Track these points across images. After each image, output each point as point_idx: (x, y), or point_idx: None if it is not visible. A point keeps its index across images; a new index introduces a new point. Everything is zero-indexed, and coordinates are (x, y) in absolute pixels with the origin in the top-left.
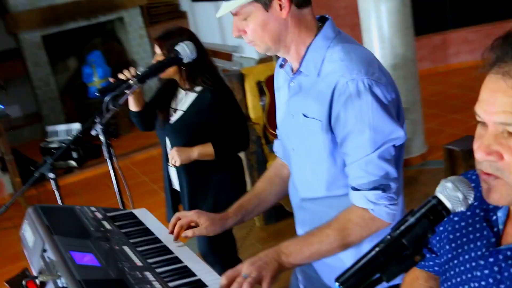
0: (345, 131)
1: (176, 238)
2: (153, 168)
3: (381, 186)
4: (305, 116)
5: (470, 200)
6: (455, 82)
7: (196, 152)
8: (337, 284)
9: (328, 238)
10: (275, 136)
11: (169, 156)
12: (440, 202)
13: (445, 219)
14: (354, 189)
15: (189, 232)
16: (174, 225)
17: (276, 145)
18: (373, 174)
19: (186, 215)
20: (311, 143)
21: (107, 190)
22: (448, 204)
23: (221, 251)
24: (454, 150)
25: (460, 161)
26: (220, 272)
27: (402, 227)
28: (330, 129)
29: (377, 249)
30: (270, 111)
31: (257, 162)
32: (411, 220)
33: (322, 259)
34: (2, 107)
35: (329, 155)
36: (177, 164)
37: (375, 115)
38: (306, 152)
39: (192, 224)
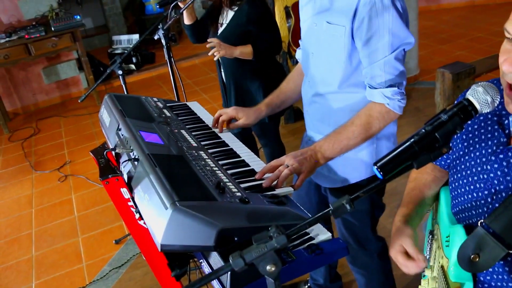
0: (368, 36)
1: (221, 131)
2: (196, 73)
3: (395, 84)
4: (328, 23)
5: (496, 102)
6: (445, 19)
7: (238, 50)
8: (375, 167)
9: (354, 133)
10: None
11: (212, 46)
12: (470, 103)
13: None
14: (373, 87)
15: (231, 127)
16: (217, 120)
17: (298, 53)
18: (390, 73)
19: (226, 112)
20: (331, 46)
21: (159, 89)
22: (477, 106)
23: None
24: (445, 72)
25: (450, 82)
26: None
27: (436, 123)
28: (351, 34)
29: (412, 140)
30: (294, 32)
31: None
32: (444, 117)
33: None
34: (79, 17)
35: (347, 56)
36: (219, 55)
37: (395, 22)
38: (325, 54)
39: (233, 118)
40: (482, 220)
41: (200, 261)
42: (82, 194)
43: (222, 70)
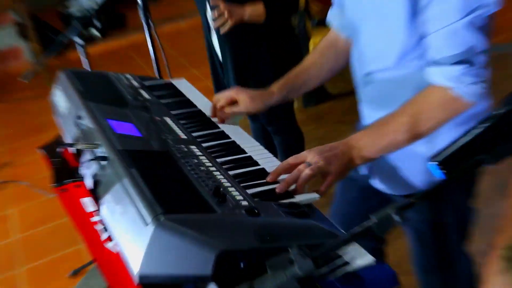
0: None
1: (220, 121)
2: (182, 41)
3: (466, 60)
4: None
5: None
6: None
7: (248, 11)
8: (433, 163)
9: (403, 126)
10: (320, 7)
11: (214, 17)
12: None
13: None
14: (434, 63)
15: (226, 111)
16: (215, 107)
17: (332, 15)
18: (459, 45)
19: (224, 95)
20: (387, 11)
21: (132, 63)
22: None
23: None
24: None
25: None
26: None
27: None
28: None
29: (484, 125)
30: None
31: (299, 38)
32: None
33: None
34: None
35: (407, 23)
36: (227, 27)
37: None
38: (380, 20)
39: (234, 101)
40: None
41: None
42: (25, 207)
43: (212, 35)
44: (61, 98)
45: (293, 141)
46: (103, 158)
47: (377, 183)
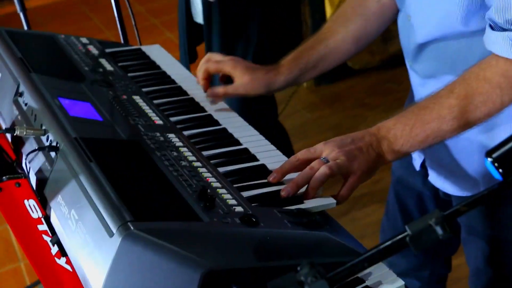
0: None
1: (206, 89)
2: None
3: None
4: None
5: None
6: None
7: None
8: (489, 160)
9: (451, 111)
10: None
11: None
12: None
13: None
14: (496, 27)
15: (219, 90)
16: (206, 77)
17: None
18: None
19: (219, 60)
20: None
21: (87, 22)
22: None
23: (257, 114)
24: None
25: None
26: None
27: None
28: None
29: None
30: None
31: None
32: None
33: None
34: None
35: None
36: None
37: None
38: None
39: (227, 74)
40: None
41: None
42: None
43: None
44: None
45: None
46: (52, 148)
47: (435, 179)
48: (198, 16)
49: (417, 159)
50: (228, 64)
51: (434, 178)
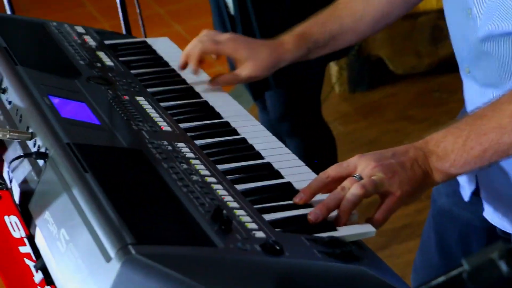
0: None
1: (196, 72)
2: None
3: None
4: None
5: None
6: None
7: None
8: None
9: None
10: None
11: None
12: None
13: None
14: None
15: (222, 79)
16: (198, 57)
17: None
18: None
19: (217, 40)
20: None
21: (78, 9)
22: None
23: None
24: None
25: None
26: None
27: None
28: None
29: None
30: None
31: None
32: None
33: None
34: None
35: None
36: None
37: None
38: None
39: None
40: None
41: None
42: None
43: None
44: None
45: (318, 145)
46: (41, 155)
47: (491, 215)
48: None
49: (466, 187)
50: (229, 46)
51: (491, 214)
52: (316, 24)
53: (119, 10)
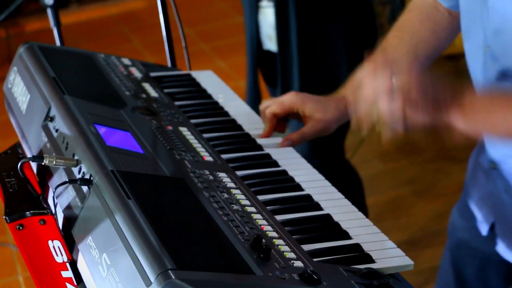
0: None
1: (283, 145)
2: (206, 15)
3: None
4: None
5: None
6: None
7: None
8: None
9: None
10: None
11: None
12: None
13: None
14: None
15: (294, 136)
16: (271, 123)
17: None
18: None
19: (281, 101)
20: None
21: (125, 44)
22: None
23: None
24: None
25: None
26: None
27: None
28: None
29: None
30: None
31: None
32: None
33: None
34: None
35: None
36: None
37: None
38: None
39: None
40: None
41: None
42: None
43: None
44: (20, 87)
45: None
46: (85, 182)
47: (504, 250)
48: (270, 41)
49: (483, 222)
50: (295, 101)
51: (503, 249)
52: None
53: (166, 43)
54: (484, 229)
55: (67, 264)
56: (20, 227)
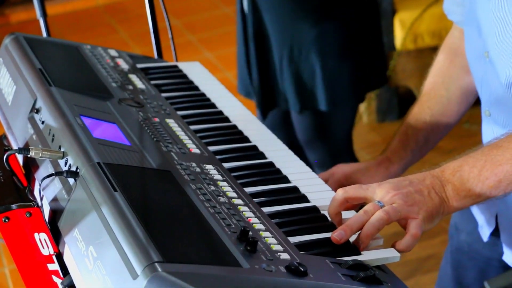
0: None
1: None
2: (192, 8)
3: None
4: None
5: None
6: None
7: None
8: None
9: None
10: None
11: None
12: None
13: None
14: None
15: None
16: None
17: (449, 3)
18: None
19: (342, 171)
20: None
21: (111, 35)
22: None
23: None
24: None
25: None
26: None
27: None
28: None
29: None
30: None
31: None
32: None
33: None
34: None
35: None
36: None
37: None
38: None
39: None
40: None
41: None
42: None
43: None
44: (5, 78)
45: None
46: (71, 174)
47: (510, 257)
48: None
49: (485, 227)
50: (348, 167)
51: (510, 256)
52: (411, 130)
53: (152, 35)
54: (485, 235)
55: (54, 257)
56: (6, 220)
